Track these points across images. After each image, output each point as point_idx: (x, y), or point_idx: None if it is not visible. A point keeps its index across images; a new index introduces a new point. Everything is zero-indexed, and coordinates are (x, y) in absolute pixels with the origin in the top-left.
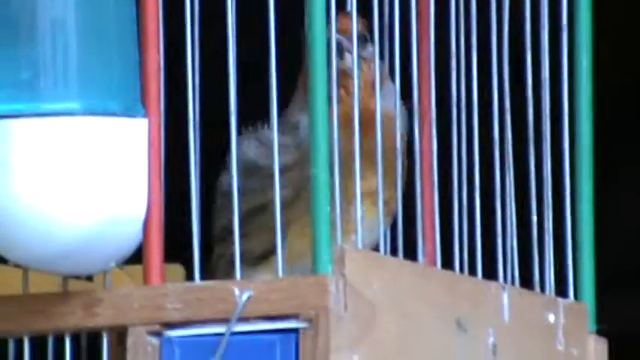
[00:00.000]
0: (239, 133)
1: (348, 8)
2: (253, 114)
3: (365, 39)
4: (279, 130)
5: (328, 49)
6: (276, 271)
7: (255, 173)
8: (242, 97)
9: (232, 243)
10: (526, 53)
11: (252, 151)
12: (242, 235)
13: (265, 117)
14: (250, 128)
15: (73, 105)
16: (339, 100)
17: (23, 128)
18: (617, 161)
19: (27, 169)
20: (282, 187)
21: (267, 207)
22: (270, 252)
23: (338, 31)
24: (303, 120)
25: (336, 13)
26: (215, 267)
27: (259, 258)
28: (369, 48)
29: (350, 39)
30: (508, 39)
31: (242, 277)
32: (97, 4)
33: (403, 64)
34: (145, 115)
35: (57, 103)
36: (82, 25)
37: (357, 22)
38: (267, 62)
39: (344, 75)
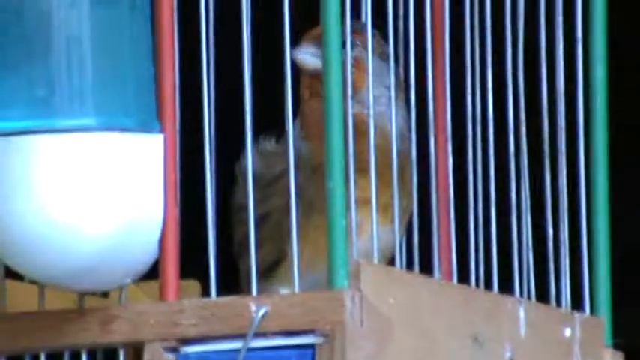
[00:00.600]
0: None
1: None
2: (267, 127)
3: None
4: (279, 140)
5: (343, 65)
6: (291, 285)
7: (258, 183)
8: (256, 112)
9: (247, 258)
10: (541, 66)
11: (254, 162)
12: (247, 249)
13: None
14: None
15: (89, 121)
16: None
17: (40, 145)
18: (635, 174)
19: (45, 185)
20: (279, 196)
21: (269, 216)
22: (277, 263)
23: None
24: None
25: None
26: (242, 284)
27: (267, 271)
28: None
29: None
30: (523, 52)
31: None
32: (113, 20)
33: (419, 79)
34: (161, 131)
35: (73, 119)
36: (97, 41)
37: (372, 38)
38: (280, 76)
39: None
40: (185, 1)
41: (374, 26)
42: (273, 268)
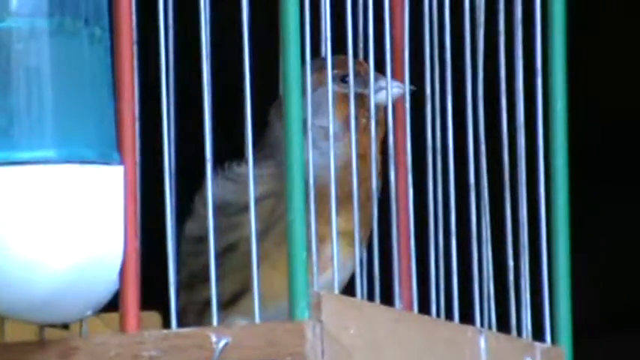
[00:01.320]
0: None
1: (322, 48)
2: (229, 154)
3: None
4: (246, 164)
5: (303, 92)
6: (252, 316)
7: (224, 211)
8: (217, 140)
9: (202, 289)
10: (501, 96)
11: (219, 189)
12: (209, 281)
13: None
14: (222, 167)
15: (49, 153)
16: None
17: None
18: (594, 205)
19: (3, 218)
20: (249, 224)
21: (236, 246)
22: (240, 295)
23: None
24: (280, 152)
25: (313, 58)
26: (183, 315)
27: (229, 302)
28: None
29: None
30: (483, 83)
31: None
32: (72, 52)
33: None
34: (121, 162)
35: (32, 151)
36: (56, 73)
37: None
38: (243, 101)
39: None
40: (145, 33)
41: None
42: (235, 299)
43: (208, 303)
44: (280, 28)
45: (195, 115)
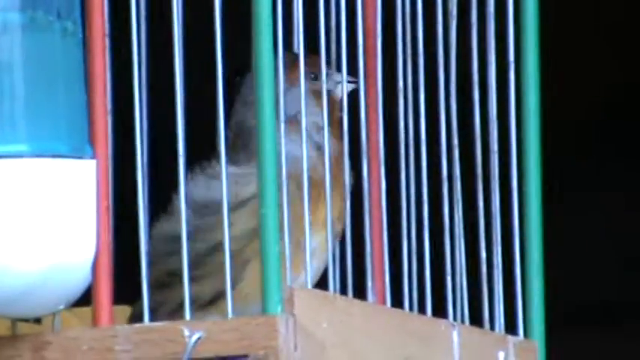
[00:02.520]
0: (189, 170)
1: (295, 42)
2: (204, 151)
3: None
4: (236, 162)
5: (275, 83)
6: (233, 309)
7: (208, 210)
8: (191, 135)
9: (176, 289)
10: (473, 89)
11: (204, 188)
12: (191, 279)
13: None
14: (201, 165)
15: (21, 147)
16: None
17: None
18: (567, 199)
19: None
20: (239, 223)
21: (222, 245)
22: (222, 294)
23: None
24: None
25: (285, 51)
26: (156, 316)
27: (209, 303)
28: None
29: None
30: (456, 76)
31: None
32: (44, 46)
33: (352, 103)
34: (93, 156)
35: (4, 145)
36: (28, 67)
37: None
38: (216, 95)
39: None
40: (117, 27)
41: (306, 53)
42: (216, 299)
43: (183, 303)
44: (253, 27)
45: (169, 108)
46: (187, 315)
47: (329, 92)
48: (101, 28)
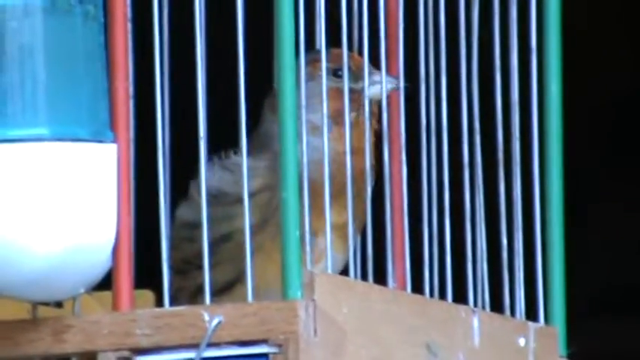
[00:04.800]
0: (208, 159)
1: (317, 35)
2: (223, 139)
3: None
4: (248, 154)
5: (297, 73)
6: (245, 297)
7: (220, 201)
8: (212, 122)
9: (195, 276)
10: (495, 76)
11: (216, 178)
12: (203, 267)
13: (235, 142)
14: (219, 156)
15: (42, 131)
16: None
17: None
18: (590, 185)
19: None
20: (250, 214)
21: (232, 236)
22: (233, 283)
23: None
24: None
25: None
26: (176, 301)
27: (221, 291)
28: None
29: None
30: (477, 62)
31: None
32: (66, 30)
33: None
34: (114, 141)
35: (25, 129)
36: (50, 51)
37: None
38: (237, 86)
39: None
40: (139, 11)
41: (328, 40)
42: (227, 288)
43: (201, 289)
44: (275, 20)
45: (190, 93)
46: (207, 300)
47: (353, 90)
48: (123, 12)
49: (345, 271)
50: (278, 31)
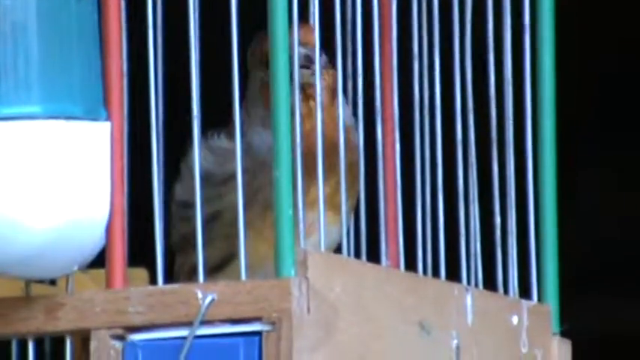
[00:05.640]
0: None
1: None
2: (217, 117)
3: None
4: (232, 136)
5: (290, 57)
6: (239, 275)
7: (207, 181)
8: (205, 100)
9: (191, 252)
10: (489, 53)
11: (203, 159)
12: (197, 246)
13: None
14: (205, 136)
15: (35, 109)
16: (302, 113)
17: None
18: (581, 163)
19: None
20: (232, 193)
21: (221, 214)
22: (227, 260)
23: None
24: (252, 125)
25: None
26: (177, 277)
27: (216, 267)
28: (323, 56)
29: (311, 50)
30: (470, 39)
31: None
32: (59, 7)
33: (366, 66)
34: (108, 119)
35: (18, 106)
36: (43, 28)
37: (316, 33)
38: (230, 66)
39: (306, 86)
40: None
41: (321, 17)
42: (221, 265)
43: (194, 270)
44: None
45: (184, 72)
46: (201, 278)
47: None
48: None
49: (338, 249)
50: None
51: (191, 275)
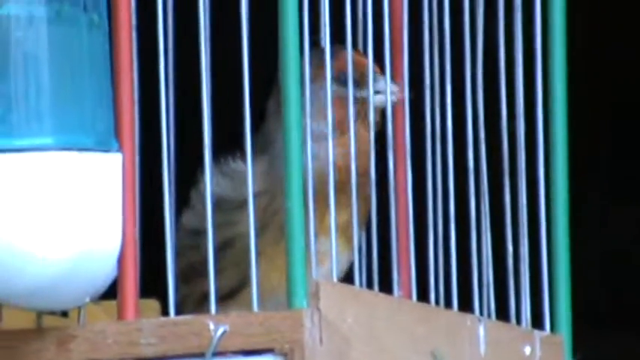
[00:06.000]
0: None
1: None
2: (226, 147)
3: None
4: (242, 160)
5: (301, 79)
6: (249, 304)
7: (221, 207)
8: (216, 131)
9: (199, 282)
10: (500, 82)
11: (215, 185)
12: (207, 274)
13: (237, 146)
14: (217, 162)
15: (47, 140)
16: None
17: None
18: (593, 194)
19: (0, 205)
20: (246, 220)
21: (234, 241)
22: (238, 289)
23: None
24: (274, 147)
25: (312, 47)
26: (181, 306)
27: (227, 296)
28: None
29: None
30: (482, 69)
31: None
32: (70, 39)
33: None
34: (119, 150)
35: (30, 138)
36: (55, 60)
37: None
38: (242, 94)
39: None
40: (144, 19)
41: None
42: (232, 293)
43: (206, 296)
44: (279, 19)
45: (194, 102)
46: (213, 309)
47: (359, 99)
48: (127, 21)
49: (350, 279)
50: (282, 38)
51: (199, 306)
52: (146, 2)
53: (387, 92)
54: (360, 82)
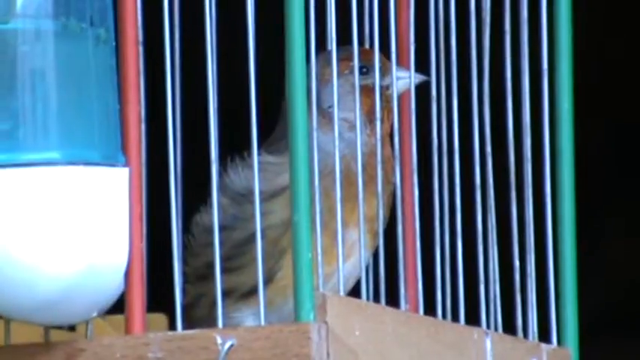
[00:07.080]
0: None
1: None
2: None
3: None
4: (272, 152)
5: (308, 87)
6: (274, 306)
7: (250, 199)
8: (223, 143)
9: (221, 280)
10: (507, 97)
11: (243, 177)
12: (230, 270)
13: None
14: (241, 156)
15: (54, 155)
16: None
17: (3, 179)
18: (601, 207)
19: (7, 220)
20: (278, 211)
21: (264, 234)
22: (263, 284)
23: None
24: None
25: (317, 52)
26: (194, 307)
27: (250, 293)
28: None
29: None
30: (489, 83)
31: (226, 315)
32: (77, 53)
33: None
34: (126, 164)
35: (37, 153)
36: (61, 75)
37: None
38: (249, 103)
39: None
40: (150, 34)
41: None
42: (255, 290)
43: (225, 294)
44: (285, 19)
45: (201, 116)
46: (220, 323)
47: (383, 88)
48: (134, 35)
49: (357, 293)
50: (288, 30)
51: (214, 307)
52: (153, 17)
53: (411, 76)
54: (382, 72)
